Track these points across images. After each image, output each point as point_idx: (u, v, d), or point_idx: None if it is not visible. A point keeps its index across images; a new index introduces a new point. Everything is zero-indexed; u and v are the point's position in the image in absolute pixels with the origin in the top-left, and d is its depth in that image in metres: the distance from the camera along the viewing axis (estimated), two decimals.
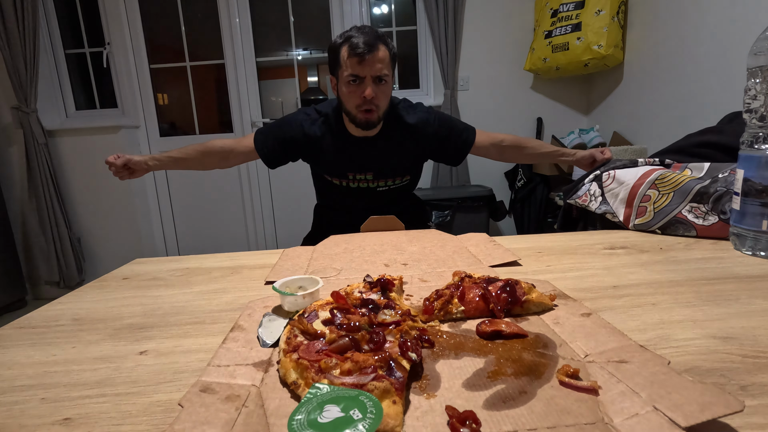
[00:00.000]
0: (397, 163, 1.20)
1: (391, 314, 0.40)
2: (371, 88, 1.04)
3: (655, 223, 0.75)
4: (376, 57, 1.02)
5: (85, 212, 2.63)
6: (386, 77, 1.06)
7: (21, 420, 0.31)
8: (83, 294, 0.59)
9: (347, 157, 1.17)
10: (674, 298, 0.46)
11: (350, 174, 1.19)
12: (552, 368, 0.33)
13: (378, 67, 1.03)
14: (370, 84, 1.04)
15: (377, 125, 1.13)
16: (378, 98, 1.06)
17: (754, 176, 0.58)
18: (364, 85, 1.04)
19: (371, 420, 0.25)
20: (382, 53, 1.04)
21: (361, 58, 1.01)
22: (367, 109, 1.06)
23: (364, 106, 1.06)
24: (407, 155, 1.20)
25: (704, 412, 0.24)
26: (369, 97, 1.04)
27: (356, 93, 1.05)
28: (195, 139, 2.75)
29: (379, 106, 1.08)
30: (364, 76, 1.03)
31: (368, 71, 1.03)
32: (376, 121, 1.10)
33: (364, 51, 1.00)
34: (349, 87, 1.05)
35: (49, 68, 2.54)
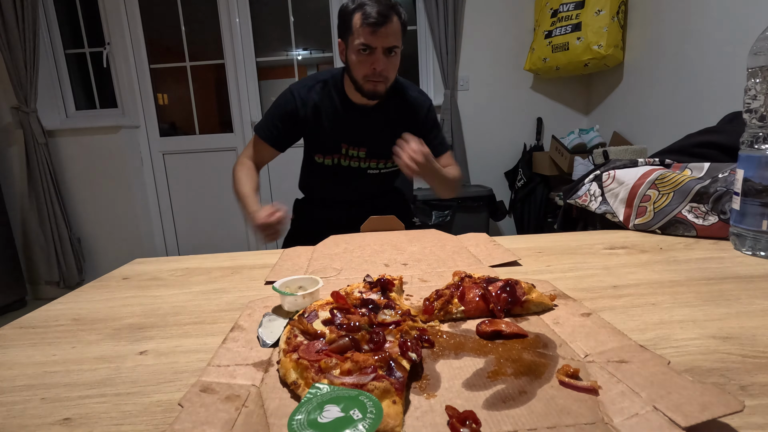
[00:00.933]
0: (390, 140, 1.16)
1: (391, 314, 0.40)
2: (382, 61, 1.02)
3: (655, 223, 0.75)
4: (389, 28, 1.00)
5: (85, 212, 2.63)
6: (397, 49, 1.05)
7: (21, 420, 0.31)
8: (83, 294, 0.59)
9: (343, 126, 1.15)
10: (674, 298, 0.46)
11: (344, 146, 1.17)
12: (552, 368, 0.33)
13: (390, 39, 1.01)
14: (381, 56, 1.02)
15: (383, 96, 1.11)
16: (387, 70, 1.05)
17: (754, 176, 0.58)
18: (375, 56, 1.02)
19: (371, 420, 0.25)
20: (395, 24, 1.01)
21: (374, 28, 0.98)
22: (375, 81, 1.05)
23: (373, 78, 1.04)
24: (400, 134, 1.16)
25: (704, 412, 0.24)
26: (379, 69, 1.02)
27: (366, 63, 1.03)
28: (195, 139, 2.75)
29: (388, 78, 1.06)
30: (376, 47, 1.01)
31: (380, 42, 1.00)
32: (383, 92, 1.09)
33: (377, 21, 0.98)
34: (359, 56, 1.03)
35: (49, 68, 2.54)
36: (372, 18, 0.97)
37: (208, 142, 2.73)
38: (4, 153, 2.51)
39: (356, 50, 1.03)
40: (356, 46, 1.02)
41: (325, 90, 1.15)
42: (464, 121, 2.67)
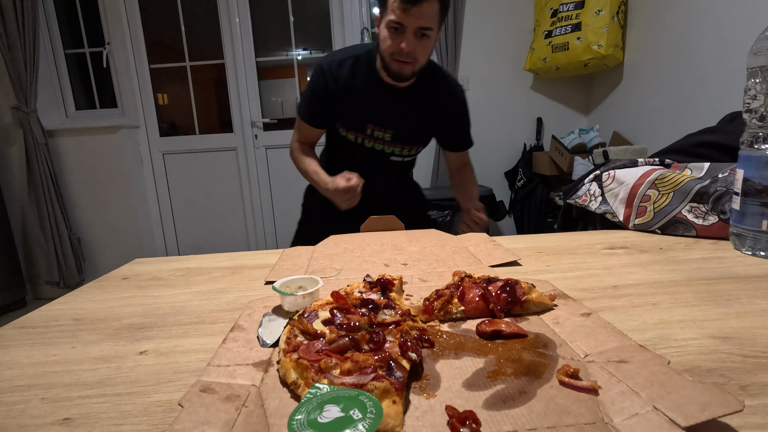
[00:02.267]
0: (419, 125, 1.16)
1: (391, 314, 0.40)
2: (410, 41, 0.98)
3: (655, 223, 0.75)
4: (423, 8, 0.94)
5: (85, 212, 2.63)
6: (430, 32, 0.99)
7: (21, 420, 0.31)
8: (83, 294, 0.59)
9: (371, 105, 1.12)
10: (674, 298, 0.46)
11: (369, 126, 1.14)
12: (552, 368, 0.33)
13: (424, 20, 0.96)
14: (411, 36, 0.98)
15: (410, 80, 1.08)
16: (416, 52, 1.00)
17: (754, 176, 0.58)
18: (405, 35, 0.98)
19: (371, 420, 0.25)
20: (431, 5, 0.95)
21: (407, 5, 0.93)
22: (402, 61, 1.01)
23: (399, 57, 1.00)
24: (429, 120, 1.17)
25: (704, 411, 0.24)
26: (406, 50, 0.98)
27: (395, 41, 0.99)
28: (195, 140, 2.75)
29: (416, 60, 1.02)
30: (407, 26, 0.96)
31: (412, 22, 0.96)
32: (409, 74, 1.04)
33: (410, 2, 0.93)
34: (390, 32, 0.99)
35: (49, 68, 2.54)
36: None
37: (208, 142, 2.73)
38: (4, 153, 2.51)
39: (387, 26, 0.99)
40: (387, 23, 0.99)
41: (356, 66, 1.12)
42: None
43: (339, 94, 1.12)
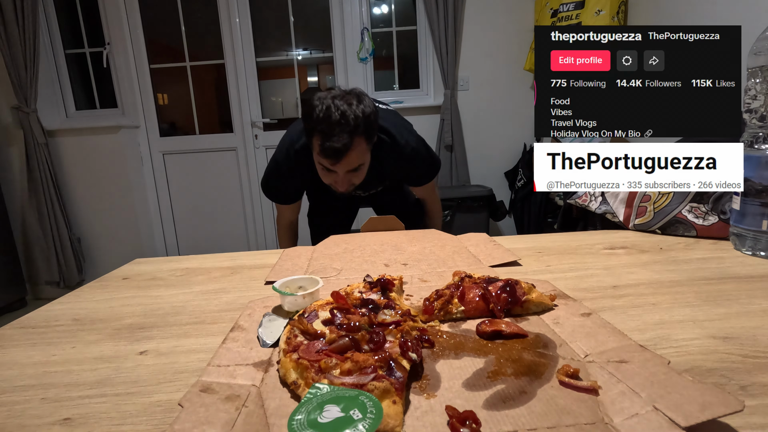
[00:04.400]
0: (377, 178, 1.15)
1: (391, 314, 0.40)
2: (344, 181, 0.99)
3: (655, 223, 0.75)
4: (350, 156, 0.94)
5: (85, 212, 2.63)
6: (363, 165, 0.99)
7: (21, 420, 0.31)
8: (83, 294, 0.59)
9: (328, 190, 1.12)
10: (674, 298, 0.46)
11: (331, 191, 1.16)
12: (552, 368, 0.33)
13: (353, 163, 0.96)
14: (343, 176, 0.98)
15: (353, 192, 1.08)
16: (353, 181, 1.01)
17: (754, 176, 0.58)
18: (337, 176, 0.98)
19: (371, 420, 0.25)
20: (357, 149, 0.94)
21: (333, 161, 0.94)
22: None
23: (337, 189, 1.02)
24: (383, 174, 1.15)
25: (704, 411, 0.24)
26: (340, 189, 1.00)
27: (328, 177, 1.00)
28: (195, 140, 2.75)
29: (354, 184, 1.03)
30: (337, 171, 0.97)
31: (342, 168, 0.96)
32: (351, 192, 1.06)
33: (337, 157, 0.92)
34: (322, 170, 0.99)
35: (49, 68, 2.53)
36: (330, 152, 0.91)
37: (208, 142, 2.73)
38: (4, 153, 2.51)
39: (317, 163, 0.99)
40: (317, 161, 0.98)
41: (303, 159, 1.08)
42: (464, 121, 2.67)
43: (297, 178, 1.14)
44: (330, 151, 0.91)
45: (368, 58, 2.63)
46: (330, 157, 0.92)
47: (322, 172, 1.00)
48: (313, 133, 0.94)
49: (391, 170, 1.12)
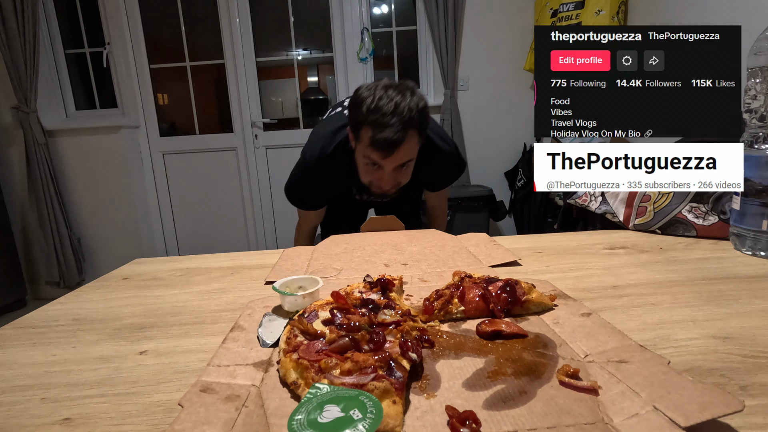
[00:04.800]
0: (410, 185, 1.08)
1: (391, 314, 0.40)
2: (389, 179, 0.91)
3: (655, 223, 0.75)
4: (402, 150, 0.87)
5: (85, 212, 2.63)
6: (411, 163, 0.93)
7: (21, 420, 0.31)
8: (83, 294, 0.59)
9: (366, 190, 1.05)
10: (674, 298, 0.46)
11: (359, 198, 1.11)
12: (552, 368, 0.33)
13: (403, 157, 0.89)
14: (390, 173, 0.90)
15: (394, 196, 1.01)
16: (399, 180, 0.94)
17: (754, 176, 0.58)
18: (383, 172, 0.90)
19: (371, 420, 0.25)
20: (410, 143, 0.88)
21: (384, 154, 0.87)
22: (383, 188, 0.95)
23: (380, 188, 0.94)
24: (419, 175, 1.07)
25: (704, 411, 0.24)
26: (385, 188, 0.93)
27: (372, 174, 0.93)
28: (195, 140, 2.75)
29: (399, 184, 0.96)
30: (384, 167, 0.90)
31: (391, 164, 0.89)
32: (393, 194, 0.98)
33: (389, 149, 0.86)
34: (366, 166, 0.92)
35: (49, 68, 2.53)
36: (382, 144, 0.85)
37: (208, 142, 2.73)
38: (4, 153, 2.51)
39: (363, 161, 0.92)
40: (363, 157, 0.91)
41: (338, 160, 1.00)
42: (464, 121, 2.67)
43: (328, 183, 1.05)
44: (382, 143, 0.84)
45: (368, 58, 2.63)
46: (382, 150, 0.86)
47: (366, 168, 0.93)
48: (362, 124, 0.87)
49: (424, 172, 1.06)
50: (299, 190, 1.08)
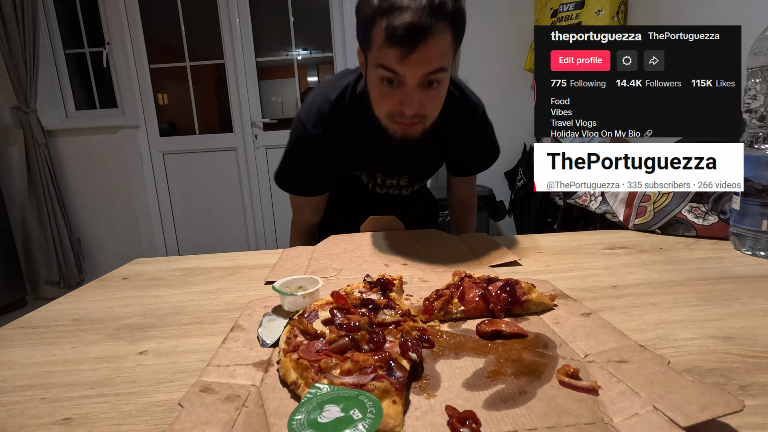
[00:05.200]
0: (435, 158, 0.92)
1: (391, 314, 0.40)
2: (414, 99, 0.65)
3: (655, 223, 0.75)
4: (428, 49, 0.61)
5: (85, 212, 2.63)
6: (442, 77, 0.66)
7: (21, 420, 0.31)
8: (83, 294, 0.59)
9: (380, 158, 0.87)
10: (674, 298, 0.46)
11: (380, 177, 0.91)
12: (552, 368, 0.33)
13: (431, 64, 0.63)
14: (414, 90, 0.65)
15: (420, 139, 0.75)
16: (425, 107, 0.68)
17: (754, 176, 0.58)
18: (405, 90, 0.65)
19: (371, 420, 0.25)
20: (440, 40, 0.62)
21: (405, 51, 0.61)
22: (405, 122, 0.69)
23: (401, 119, 0.69)
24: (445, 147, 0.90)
25: (704, 411, 0.24)
26: (409, 113, 0.67)
27: (390, 100, 0.67)
28: (195, 140, 2.75)
29: (427, 116, 0.70)
30: (406, 78, 0.64)
31: (414, 71, 0.63)
32: (418, 134, 0.72)
33: (411, 41, 0.60)
34: (380, 87, 0.67)
35: (49, 68, 2.53)
36: (401, 33, 0.59)
37: (208, 142, 2.73)
38: (4, 153, 2.51)
39: (377, 78, 0.67)
40: (376, 73, 0.66)
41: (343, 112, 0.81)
42: None
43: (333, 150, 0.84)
44: (402, 31, 0.59)
45: None
46: (401, 43, 0.60)
47: (381, 91, 0.68)
48: (373, 20, 0.63)
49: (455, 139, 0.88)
50: (292, 167, 0.87)
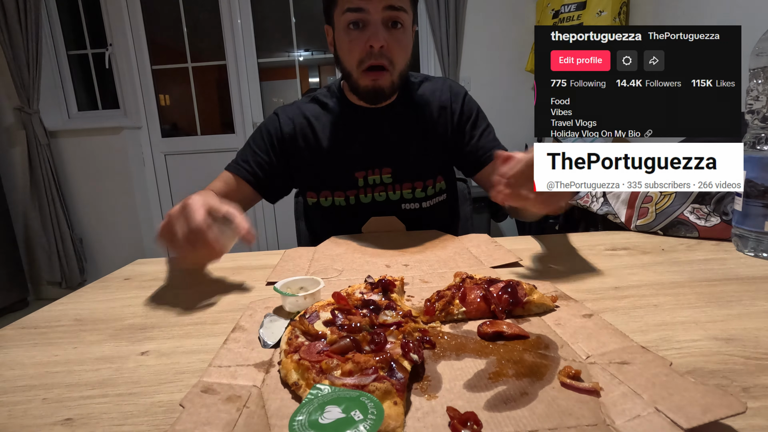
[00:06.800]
0: (422, 149, 0.85)
1: (392, 315, 0.40)
2: (379, 33, 0.71)
3: (656, 224, 0.74)
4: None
5: (87, 213, 2.64)
6: (403, 16, 0.72)
7: (23, 420, 0.31)
8: (85, 294, 0.59)
9: (351, 143, 0.83)
10: (676, 299, 0.46)
11: (360, 175, 0.84)
12: (553, 369, 0.33)
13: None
14: (378, 27, 0.71)
15: (391, 95, 0.79)
16: (391, 49, 0.73)
17: (757, 177, 0.58)
18: (369, 28, 0.71)
19: (372, 421, 0.25)
20: None
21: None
22: (374, 65, 0.73)
23: (370, 61, 0.73)
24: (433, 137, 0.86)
25: (706, 413, 0.24)
26: (376, 47, 0.71)
27: (359, 41, 0.72)
28: (197, 141, 2.76)
29: (393, 62, 0.74)
30: (369, 13, 0.70)
31: (376, 5, 0.70)
32: (387, 86, 0.76)
33: None
34: (349, 34, 0.73)
35: (52, 69, 2.54)
36: None
37: (210, 143, 2.74)
38: (7, 154, 2.52)
39: (344, 26, 0.73)
40: (343, 21, 0.72)
41: (317, 102, 0.87)
42: None
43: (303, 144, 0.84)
44: None
45: None
46: None
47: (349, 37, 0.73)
48: None
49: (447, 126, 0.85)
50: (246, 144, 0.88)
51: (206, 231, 0.49)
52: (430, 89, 0.88)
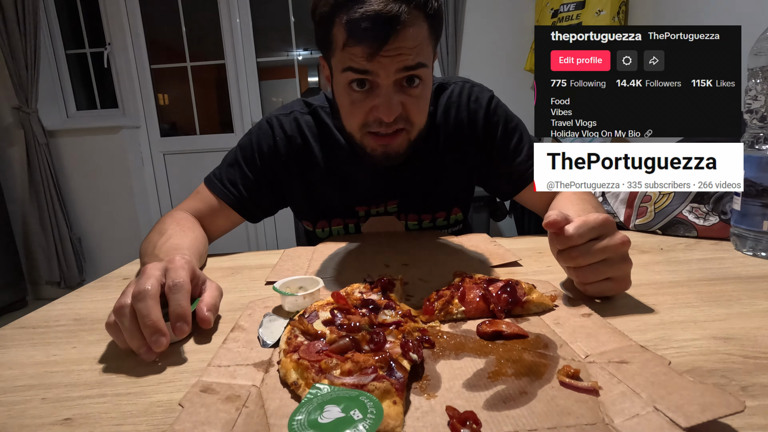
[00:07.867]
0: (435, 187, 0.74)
1: (391, 314, 0.40)
2: (390, 102, 0.56)
3: (655, 223, 0.74)
4: (401, 41, 0.52)
5: (85, 212, 2.63)
6: (423, 73, 0.56)
7: (21, 420, 0.31)
8: (84, 294, 0.59)
9: (356, 179, 0.73)
10: (675, 298, 0.46)
11: (361, 209, 0.75)
12: (552, 369, 0.33)
13: (406, 58, 0.53)
14: (389, 92, 0.56)
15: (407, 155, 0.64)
16: (409, 110, 0.59)
17: (755, 177, 0.58)
18: (380, 92, 0.56)
19: (371, 420, 0.25)
20: (416, 30, 0.52)
21: (373, 46, 0.51)
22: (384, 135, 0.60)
23: (379, 128, 0.59)
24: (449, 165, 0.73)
25: (705, 412, 0.24)
26: (387, 119, 0.57)
27: (363, 105, 0.58)
28: (195, 140, 2.75)
29: (412, 121, 0.60)
30: (377, 75, 0.55)
31: (387, 68, 0.54)
32: (404, 148, 0.62)
33: (379, 34, 0.50)
34: (350, 94, 0.58)
35: (50, 68, 2.54)
36: (365, 24, 0.50)
37: (209, 143, 2.73)
38: (5, 153, 2.52)
39: (344, 82, 0.57)
40: (343, 77, 0.57)
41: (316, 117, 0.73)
42: None
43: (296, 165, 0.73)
44: (367, 23, 0.50)
45: None
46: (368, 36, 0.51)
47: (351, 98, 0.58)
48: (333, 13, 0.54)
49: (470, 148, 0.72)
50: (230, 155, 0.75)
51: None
52: (446, 106, 0.73)
